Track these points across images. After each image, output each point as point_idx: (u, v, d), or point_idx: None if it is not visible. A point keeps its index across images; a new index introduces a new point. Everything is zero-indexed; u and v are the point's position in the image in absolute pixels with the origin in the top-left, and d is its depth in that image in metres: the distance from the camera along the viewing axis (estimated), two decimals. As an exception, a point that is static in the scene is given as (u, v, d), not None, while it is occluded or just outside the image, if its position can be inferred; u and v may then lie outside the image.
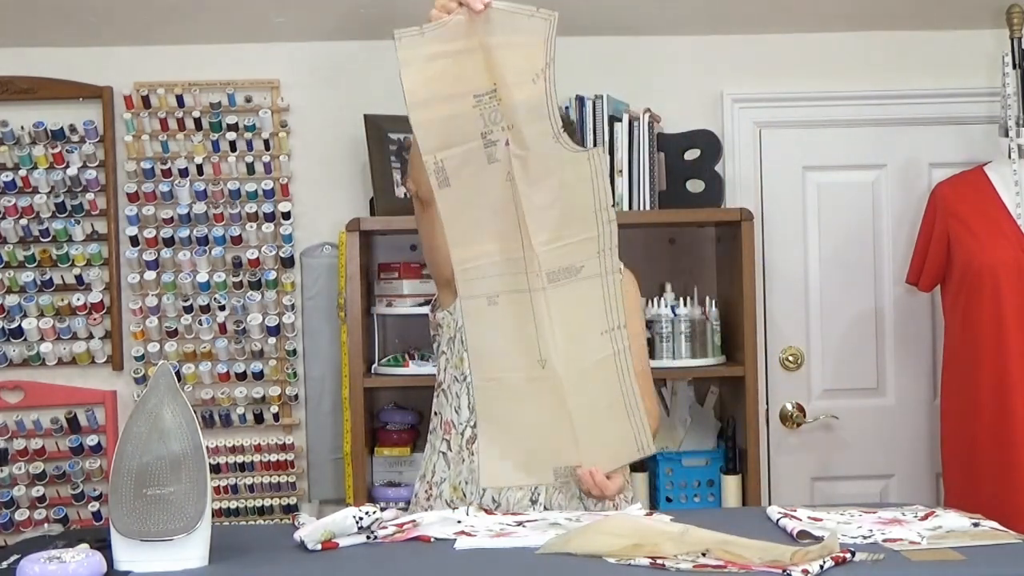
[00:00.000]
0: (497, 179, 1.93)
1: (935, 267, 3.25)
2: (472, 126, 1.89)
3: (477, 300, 1.97)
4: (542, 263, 1.96)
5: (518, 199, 1.93)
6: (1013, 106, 3.21)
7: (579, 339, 2.00)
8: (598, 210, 1.97)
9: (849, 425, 3.58)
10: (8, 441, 3.42)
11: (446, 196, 1.92)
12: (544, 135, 1.91)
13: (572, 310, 1.98)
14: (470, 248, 1.95)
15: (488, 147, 1.91)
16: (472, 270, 1.96)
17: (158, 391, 1.70)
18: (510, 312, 1.97)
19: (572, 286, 1.98)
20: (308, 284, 3.47)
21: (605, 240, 1.98)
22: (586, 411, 2.01)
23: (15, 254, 3.43)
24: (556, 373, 1.98)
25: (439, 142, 1.89)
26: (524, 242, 1.95)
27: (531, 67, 1.89)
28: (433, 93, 1.87)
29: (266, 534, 1.98)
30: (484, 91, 1.89)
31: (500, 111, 1.89)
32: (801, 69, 3.58)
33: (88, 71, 3.47)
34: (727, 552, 1.63)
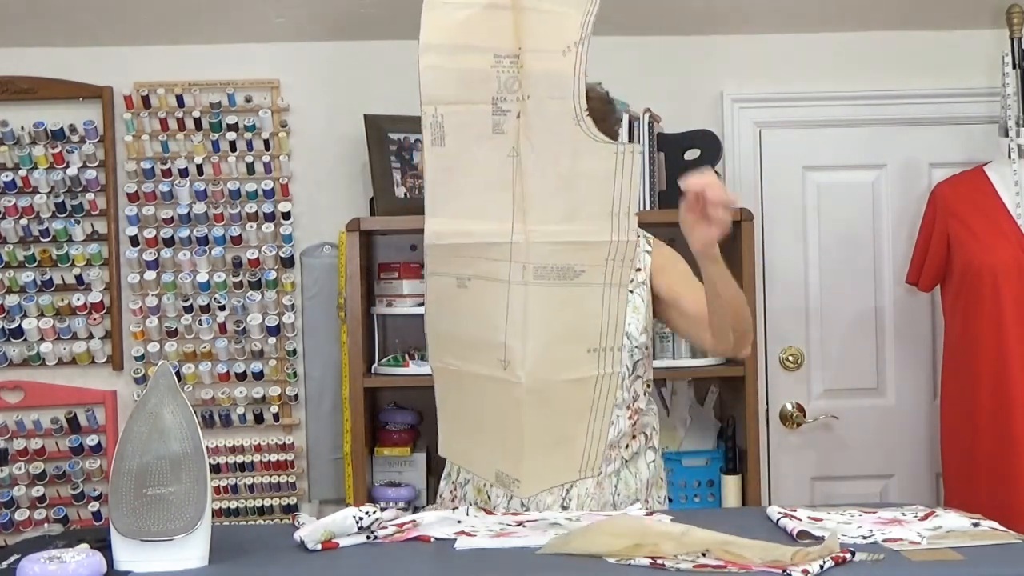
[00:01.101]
0: (499, 152, 1.71)
1: (935, 267, 3.25)
2: (485, 87, 1.71)
3: (444, 278, 1.76)
4: (531, 255, 1.72)
5: (519, 180, 1.72)
6: (1013, 106, 3.21)
7: (556, 350, 1.75)
8: (617, 213, 1.72)
9: (849, 425, 3.58)
10: (8, 441, 3.42)
11: (436, 155, 1.72)
12: (565, 115, 1.69)
13: (555, 316, 1.74)
14: (449, 221, 1.74)
15: (496, 115, 1.71)
16: (446, 247, 1.75)
17: (158, 391, 1.70)
18: (479, 300, 1.75)
19: (562, 290, 1.73)
20: (308, 284, 3.47)
21: (619, 249, 1.73)
22: (540, 430, 1.77)
23: (15, 254, 3.43)
24: (517, 380, 1.73)
25: (444, 93, 1.73)
26: (515, 227, 1.72)
27: (563, 38, 1.69)
28: (451, 40, 1.72)
29: (266, 534, 1.98)
30: (506, 53, 1.70)
31: (519, 79, 1.70)
32: (801, 69, 3.58)
33: (88, 71, 3.47)
34: (727, 552, 1.63)
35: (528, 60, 1.70)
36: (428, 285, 1.79)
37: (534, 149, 1.72)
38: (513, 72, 1.71)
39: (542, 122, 1.71)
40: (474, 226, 1.74)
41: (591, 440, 1.79)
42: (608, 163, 1.71)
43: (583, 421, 1.78)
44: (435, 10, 1.73)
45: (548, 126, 1.71)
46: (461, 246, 1.74)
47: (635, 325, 2.17)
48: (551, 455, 1.80)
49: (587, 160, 1.72)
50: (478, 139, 1.72)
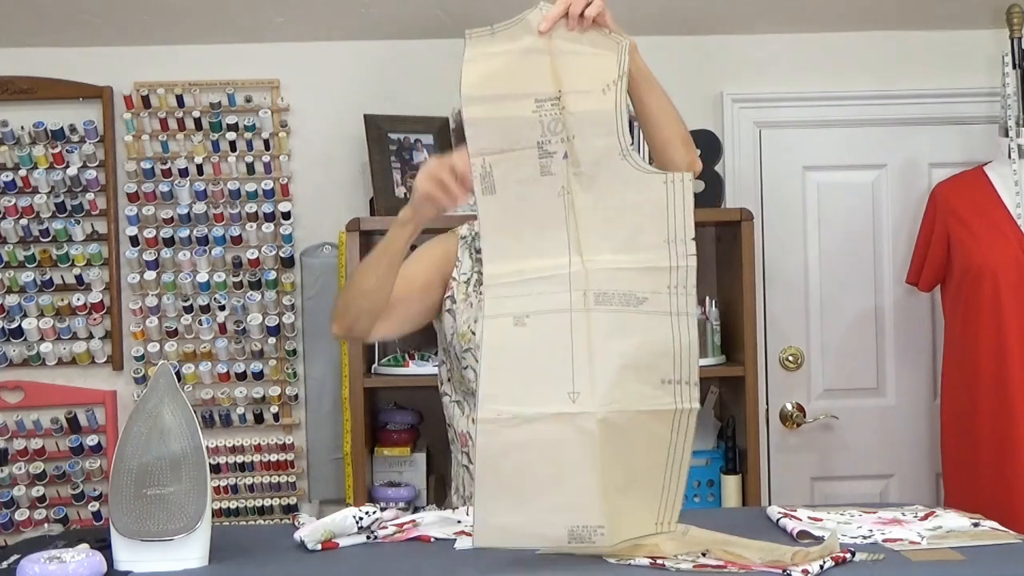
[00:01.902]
0: (549, 193, 1.73)
1: (935, 267, 3.25)
2: (529, 132, 1.73)
3: (502, 320, 1.71)
4: (592, 281, 1.71)
5: (572, 214, 1.73)
6: (1013, 106, 3.21)
7: (628, 379, 1.70)
8: (673, 241, 1.71)
9: (849, 425, 3.58)
10: (8, 441, 3.42)
11: (488, 204, 1.72)
12: (611, 151, 1.73)
13: (623, 342, 1.70)
14: (506, 263, 1.73)
15: (543, 158, 1.73)
16: (503, 287, 1.72)
17: (158, 391, 1.70)
18: (541, 335, 1.70)
19: (627, 317, 1.71)
20: (308, 284, 3.47)
21: (680, 276, 1.71)
22: (618, 463, 1.69)
23: (15, 254, 3.43)
24: (590, 410, 1.67)
25: (491, 144, 1.73)
26: (572, 259, 1.72)
27: (602, 77, 1.74)
28: (492, 91, 1.73)
29: (266, 534, 1.98)
30: (547, 96, 1.73)
31: (561, 120, 1.73)
32: (801, 69, 3.58)
33: (88, 71, 3.47)
34: (727, 552, 1.63)
35: (569, 101, 1.74)
36: (485, 333, 1.71)
37: (584, 187, 1.74)
38: (555, 114, 1.74)
39: (590, 159, 1.74)
40: (528, 264, 1.73)
41: (668, 489, 1.71)
42: (659, 193, 1.73)
43: (660, 461, 1.71)
44: (474, 61, 1.74)
45: (596, 162, 1.74)
46: (518, 283, 1.72)
47: None
48: (628, 496, 1.70)
49: (638, 192, 1.73)
50: (527, 183, 1.74)
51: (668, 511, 1.71)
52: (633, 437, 1.70)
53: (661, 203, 1.73)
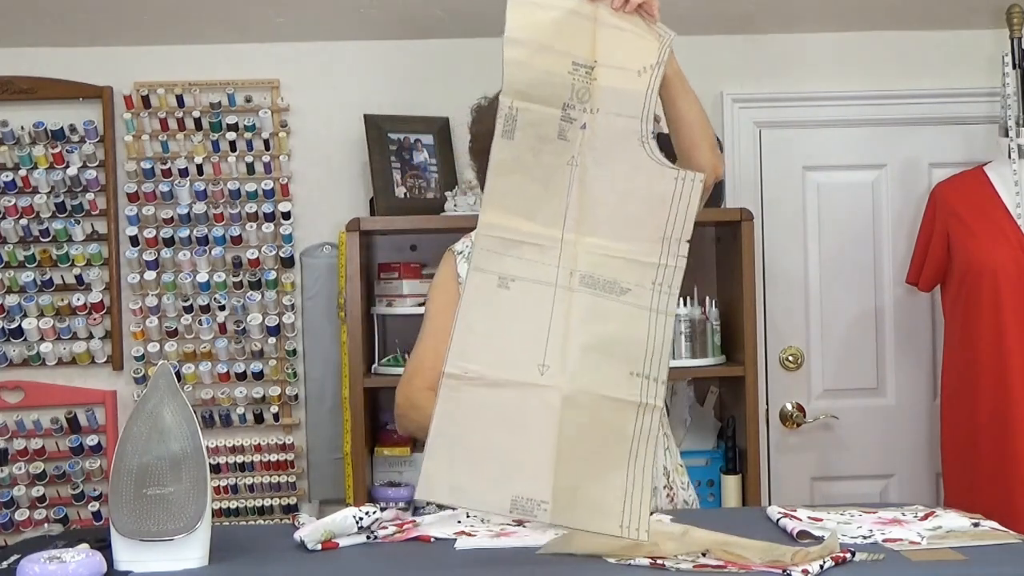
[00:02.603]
0: (559, 158, 1.72)
1: (935, 267, 3.25)
2: (559, 92, 1.72)
3: (487, 275, 1.70)
4: (580, 262, 1.71)
5: (574, 187, 1.73)
6: (1013, 106, 3.21)
7: (599, 363, 1.70)
8: (668, 239, 1.73)
9: (849, 425, 3.58)
10: (8, 441, 3.42)
11: (503, 148, 1.70)
12: (630, 133, 1.73)
13: (600, 327, 1.71)
14: (503, 216, 1.71)
15: (564, 121, 1.72)
16: (495, 241, 1.70)
17: (158, 391, 1.70)
18: (522, 301, 1.70)
19: (608, 303, 1.71)
20: (308, 284, 3.47)
21: (667, 275, 1.73)
22: (574, 443, 1.67)
23: (15, 254, 3.43)
24: (556, 386, 1.68)
25: (522, 88, 1.70)
26: (566, 235, 1.71)
27: (639, 59, 1.74)
28: (535, 38, 1.71)
29: (266, 534, 1.98)
30: (583, 62, 1.72)
31: (590, 91, 1.72)
32: (801, 69, 3.58)
33: (88, 71, 3.47)
34: (727, 552, 1.63)
35: (602, 74, 1.73)
36: (468, 282, 1.71)
37: (595, 162, 1.74)
38: (586, 82, 1.73)
39: (607, 137, 1.74)
40: (524, 225, 1.72)
41: (632, 494, 1.69)
42: (667, 187, 1.73)
43: (621, 458, 1.69)
44: (521, 7, 1.72)
45: (612, 142, 1.74)
46: (510, 242, 1.71)
47: None
48: (584, 481, 1.68)
49: (646, 181, 1.74)
50: (543, 141, 1.73)
51: (634, 517, 1.67)
52: (594, 422, 1.69)
53: (666, 198, 1.73)
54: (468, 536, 1.81)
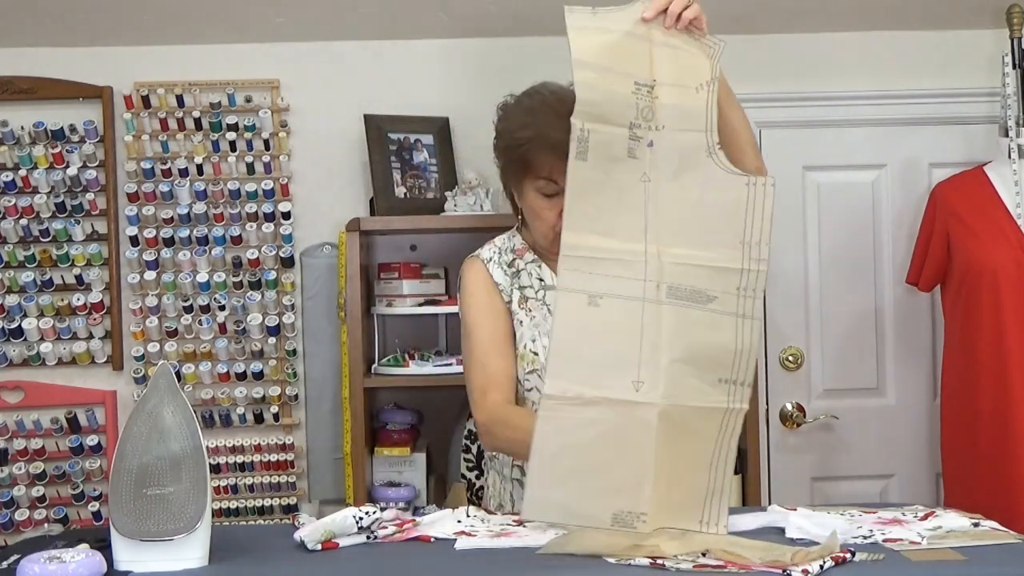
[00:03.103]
0: (631, 176, 1.77)
1: (935, 267, 3.25)
2: (625, 112, 1.76)
3: (575, 296, 1.73)
4: (665, 274, 1.75)
5: (650, 202, 1.77)
6: (1013, 106, 3.21)
7: (689, 374, 1.75)
8: (747, 243, 1.77)
9: (849, 425, 3.58)
10: (8, 441, 3.42)
11: (579, 169, 1.74)
12: (698, 147, 1.78)
13: (689, 338, 1.75)
14: (585, 236, 1.74)
15: (632, 140, 1.77)
16: (580, 260, 1.74)
17: (158, 391, 1.70)
18: (612, 318, 1.74)
19: (696, 313, 1.75)
20: (308, 284, 3.47)
21: (750, 279, 1.77)
22: (669, 456, 1.73)
23: (15, 254, 3.43)
24: (652, 400, 1.72)
25: (592, 110, 1.75)
26: (648, 248, 1.75)
27: (695, 75, 1.81)
28: (600, 60, 1.76)
29: (266, 534, 1.98)
30: (644, 82, 1.78)
31: (652, 109, 1.77)
32: (801, 69, 3.58)
33: (88, 71, 3.47)
34: (727, 552, 1.63)
35: (663, 92, 1.78)
36: (558, 304, 1.76)
37: (666, 177, 1.78)
38: (649, 101, 1.78)
39: (675, 152, 1.78)
40: (606, 242, 1.76)
41: (713, 489, 1.76)
42: (740, 194, 1.78)
43: (705, 459, 1.76)
44: (581, 31, 1.78)
45: (680, 156, 1.79)
46: (594, 260, 1.75)
47: None
48: (675, 489, 1.74)
49: (719, 191, 1.79)
50: (614, 161, 1.77)
51: (714, 512, 1.75)
52: (685, 433, 1.75)
53: (740, 205, 1.78)
54: (468, 536, 1.81)
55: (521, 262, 2.21)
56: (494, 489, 2.24)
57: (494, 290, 2.18)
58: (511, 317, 2.17)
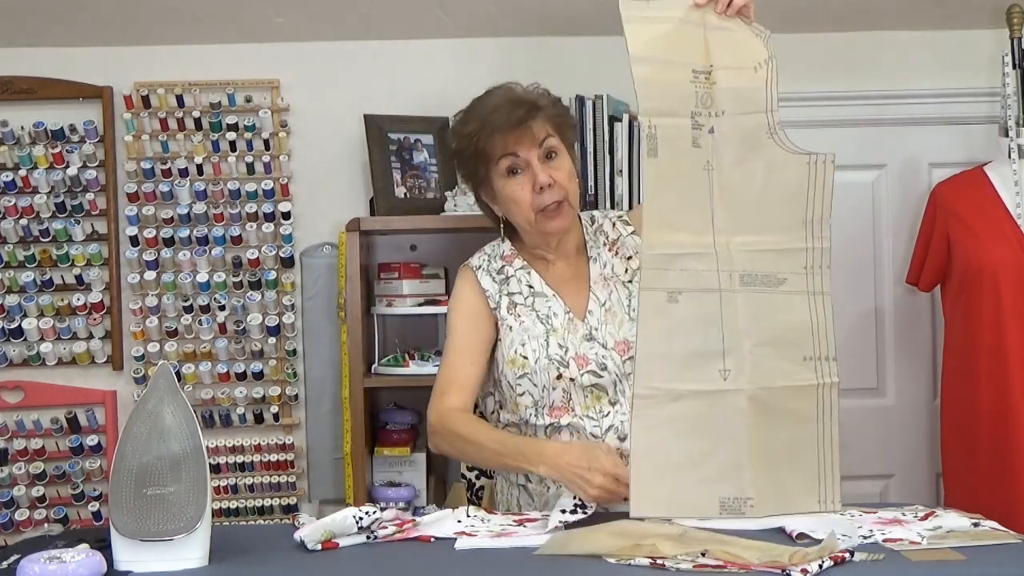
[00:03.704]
0: (697, 165, 1.78)
1: (935, 267, 3.25)
2: (686, 101, 1.78)
3: (656, 293, 1.76)
4: (736, 262, 1.78)
5: (715, 191, 1.78)
6: (1013, 106, 3.21)
7: (774, 357, 1.78)
8: (810, 221, 1.80)
9: (849, 425, 3.56)
10: (8, 441, 3.42)
11: (653, 166, 1.77)
12: (759, 128, 1.79)
13: (769, 321, 1.78)
14: (662, 232, 1.77)
15: (695, 128, 1.78)
16: (658, 258, 1.77)
17: (158, 391, 1.70)
18: (692, 312, 1.77)
19: (771, 296, 1.78)
20: (308, 284, 3.47)
21: (816, 257, 1.80)
22: (766, 438, 1.76)
23: (15, 254, 3.43)
24: (740, 387, 1.76)
25: (657, 105, 1.77)
26: (716, 239, 1.78)
27: (753, 56, 1.81)
28: (655, 53, 1.77)
29: (266, 534, 1.98)
30: (702, 69, 1.79)
31: (711, 95, 1.78)
32: (801, 69, 3.57)
33: (88, 71, 3.47)
34: (726, 552, 1.63)
35: (720, 77, 1.80)
36: (640, 303, 1.79)
37: (729, 163, 1.80)
38: (707, 88, 1.79)
39: (736, 136, 1.80)
40: (679, 237, 1.79)
41: (824, 466, 1.81)
42: (801, 172, 1.80)
43: (809, 437, 1.80)
44: (636, 23, 1.78)
45: (742, 140, 1.80)
46: (670, 256, 1.78)
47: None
48: (780, 470, 1.78)
49: (781, 170, 1.80)
50: (682, 152, 1.79)
51: (829, 489, 1.80)
52: (779, 413, 1.78)
53: (803, 183, 1.79)
54: (468, 536, 1.81)
55: (510, 268, 2.21)
56: (503, 495, 2.24)
57: (480, 297, 2.19)
58: (497, 324, 2.17)
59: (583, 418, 2.07)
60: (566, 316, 2.13)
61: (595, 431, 2.06)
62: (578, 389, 2.08)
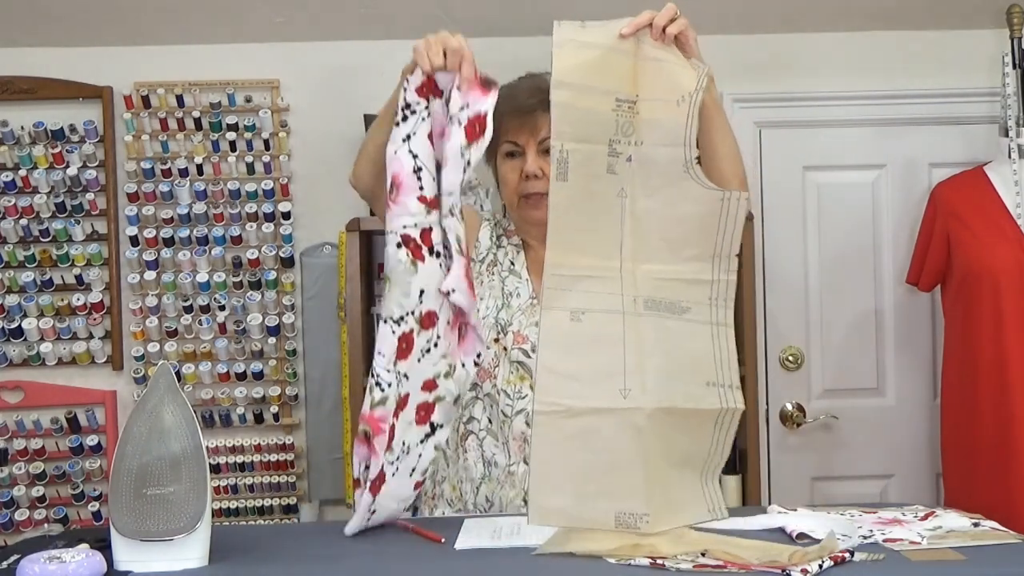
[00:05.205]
0: (610, 192, 1.80)
1: (935, 267, 3.25)
2: (604, 129, 1.79)
3: (558, 312, 1.79)
4: (640, 288, 1.80)
5: (626, 218, 1.81)
6: (1013, 106, 3.21)
7: (677, 379, 1.80)
8: (719, 255, 1.82)
9: (849, 425, 3.58)
10: (8, 441, 3.42)
11: (559, 190, 1.78)
12: (675, 161, 1.80)
13: (671, 346, 1.81)
14: (567, 255, 1.79)
15: (611, 156, 1.79)
16: (560, 279, 1.79)
17: (158, 391, 1.70)
18: (595, 332, 1.79)
19: (673, 323, 1.81)
20: (308, 284, 3.48)
21: (721, 289, 1.83)
22: (661, 457, 1.79)
23: (15, 254, 3.43)
24: (640, 406, 1.77)
25: (571, 130, 1.77)
26: (624, 265, 1.80)
27: (678, 88, 1.81)
28: (580, 80, 1.78)
29: (266, 534, 1.98)
30: (625, 98, 1.80)
31: (633, 124, 1.80)
32: (801, 69, 3.58)
33: (88, 71, 3.47)
34: (726, 552, 1.63)
35: (644, 107, 1.80)
36: (542, 323, 1.80)
37: (644, 192, 1.81)
38: (629, 117, 1.80)
39: (654, 167, 1.81)
40: (584, 260, 1.80)
41: (706, 475, 1.84)
42: (713, 208, 1.82)
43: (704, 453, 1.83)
44: (564, 47, 1.78)
45: (658, 171, 1.81)
46: (573, 278, 1.79)
47: None
48: (673, 487, 1.81)
49: (694, 204, 1.82)
50: (594, 178, 1.80)
51: (714, 496, 1.84)
52: (679, 433, 1.80)
53: (713, 218, 1.82)
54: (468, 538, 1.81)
55: (507, 240, 2.25)
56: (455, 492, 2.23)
57: (472, 228, 2.22)
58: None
59: (501, 392, 2.10)
60: (530, 300, 2.16)
61: (507, 409, 2.09)
62: (507, 361, 2.11)
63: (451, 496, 2.18)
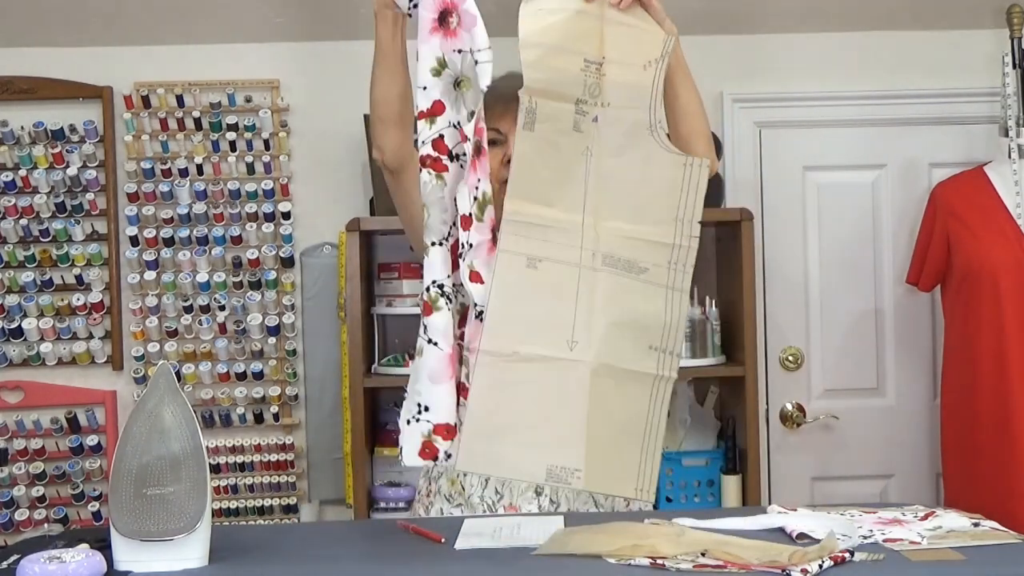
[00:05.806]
0: (575, 149, 1.83)
1: (935, 267, 3.25)
2: (572, 89, 1.83)
3: (516, 257, 1.79)
4: (601, 243, 1.82)
5: (590, 176, 1.83)
6: (1013, 106, 3.21)
7: (622, 338, 1.82)
8: (681, 220, 1.85)
9: (849, 425, 3.58)
10: (8, 441, 3.42)
11: (525, 139, 1.81)
12: (639, 125, 1.84)
13: (623, 303, 1.82)
14: (527, 204, 1.81)
15: (578, 114, 1.83)
16: (521, 225, 1.79)
17: (158, 391, 1.70)
18: (550, 280, 1.79)
19: (629, 281, 1.82)
20: (308, 284, 3.48)
21: (681, 254, 1.85)
22: (601, 415, 1.80)
23: (15, 254, 3.43)
24: (584, 360, 1.78)
25: (540, 86, 1.82)
26: (586, 220, 1.81)
27: (644, 53, 1.85)
28: (547, 40, 1.83)
29: (266, 534, 1.98)
30: (593, 59, 1.83)
31: (600, 85, 1.83)
32: (801, 69, 3.58)
33: (88, 71, 3.47)
34: (727, 552, 1.63)
35: (610, 70, 1.84)
36: (498, 264, 1.79)
37: (609, 152, 1.84)
38: (596, 78, 1.83)
39: (618, 129, 1.84)
40: (546, 211, 1.82)
41: (645, 460, 1.83)
42: (676, 172, 1.85)
43: (638, 428, 1.83)
44: (532, 16, 1.85)
45: (623, 133, 1.84)
46: (534, 226, 1.80)
47: None
48: (609, 449, 1.81)
49: (657, 168, 1.85)
50: (560, 133, 1.83)
51: (646, 481, 1.82)
52: (618, 394, 1.82)
53: (676, 182, 1.85)
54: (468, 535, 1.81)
55: None
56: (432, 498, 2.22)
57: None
58: None
59: None
60: None
61: None
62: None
63: (450, 492, 2.17)
